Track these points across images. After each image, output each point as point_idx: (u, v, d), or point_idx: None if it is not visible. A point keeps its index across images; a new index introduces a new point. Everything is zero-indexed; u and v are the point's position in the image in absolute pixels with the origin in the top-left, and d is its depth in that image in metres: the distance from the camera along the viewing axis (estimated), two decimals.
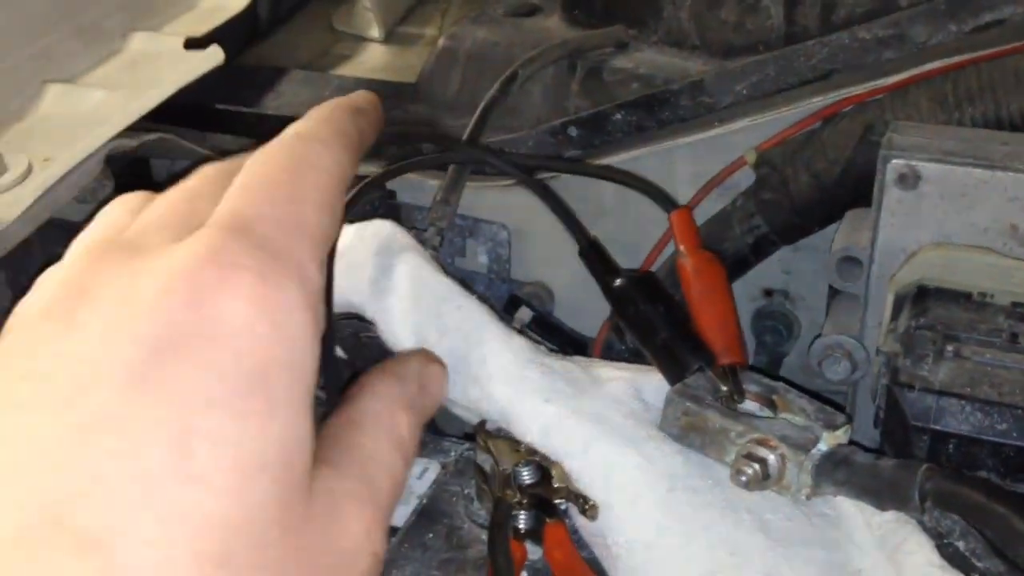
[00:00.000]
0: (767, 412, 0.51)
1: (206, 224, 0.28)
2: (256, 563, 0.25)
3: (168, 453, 0.24)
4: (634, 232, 0.77)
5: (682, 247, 0.58)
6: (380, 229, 0.58)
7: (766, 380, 0.52)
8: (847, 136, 0.67)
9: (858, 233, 0.63)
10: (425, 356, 0.35)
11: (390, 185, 0.82)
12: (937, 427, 0.50)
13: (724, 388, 0.51)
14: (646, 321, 0.54)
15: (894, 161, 0.58)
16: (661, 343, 0.53)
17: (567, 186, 0.80)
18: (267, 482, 0.25)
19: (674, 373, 0.52)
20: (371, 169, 0.81)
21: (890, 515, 0.47)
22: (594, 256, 0.58)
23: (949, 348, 0.52)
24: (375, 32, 1.08)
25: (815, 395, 0.51)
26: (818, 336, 0.64)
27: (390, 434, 0.31)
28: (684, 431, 0.50)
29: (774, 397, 0.51)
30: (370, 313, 0.56)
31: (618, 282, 0.56)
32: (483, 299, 0.56)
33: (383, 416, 0.31)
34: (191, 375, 0.25)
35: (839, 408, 0.50)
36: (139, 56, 0.76)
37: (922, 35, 0.67)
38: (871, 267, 0.60)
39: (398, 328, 0.55)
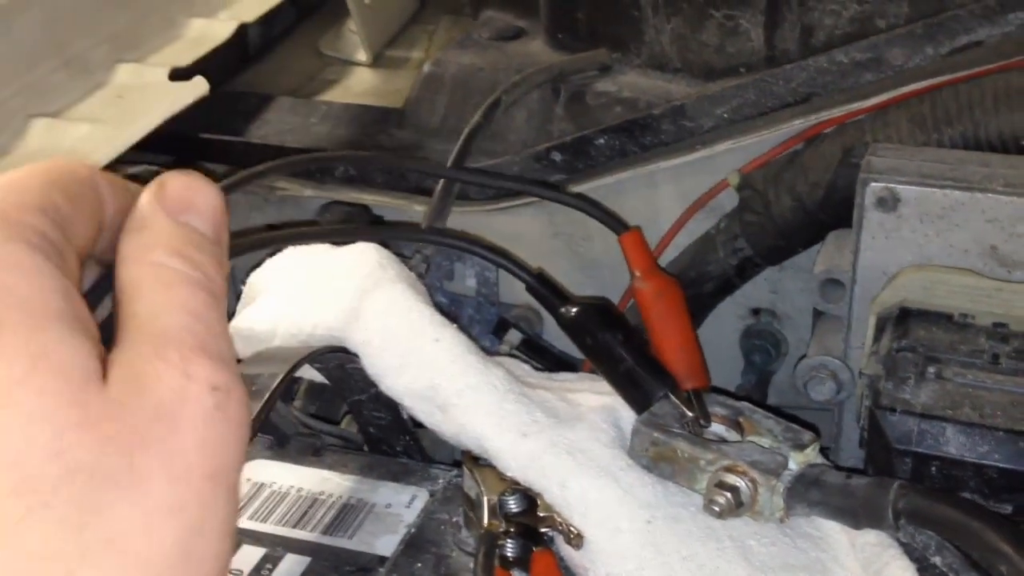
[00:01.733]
0: (734, 435, 0.52)
1: None
2: (60, 477, 0.24)
3: None
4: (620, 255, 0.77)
5: (636, 271, 0.58)
6: (364, 254, 0.58)
7: (731, 402, 0.53)
8: (828, 158, 0.67)
9: (840, 255, 0.63)
10: (155, 185, 0.30)
11: (377, 211, 0.83)
12: (919, 450, 0.50)
13: (690, 413, 0.51)
14: (604, 350, 0.54)
15: (873, 184, 0.58)
16: (623, 372, 0.53)
17: (551, 210, 0.80)
18: (29, 401, 0.24)
19: (639, 402, 0.53)
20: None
21: (872, 537, 0.48)
22: (542, 289, 0.56)
23: (931, 370, 0.53)
24: (362, 56, 1.09)
25: (782, 414, 0.51)
26: (803, 357, 0.64)
27: (158, 279, 0.28)
28: (654, 461, 0.50)
29: (740, 419, 0.52)
30: (351, 345, 0.56)
31: (571, 312, 0.55)
32: (463, 329, 0.56)
33: (141, 271, 0.28)
34: None
35: (806, 426, 0.50)
36: (124, 88, 0.77)
37: (900, 58, 0.67)
38: (853, 289, 0.61)
39: (378, 361, 0.55)
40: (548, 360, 0.82)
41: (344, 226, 0.72)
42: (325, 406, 0.74)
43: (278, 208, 0.85)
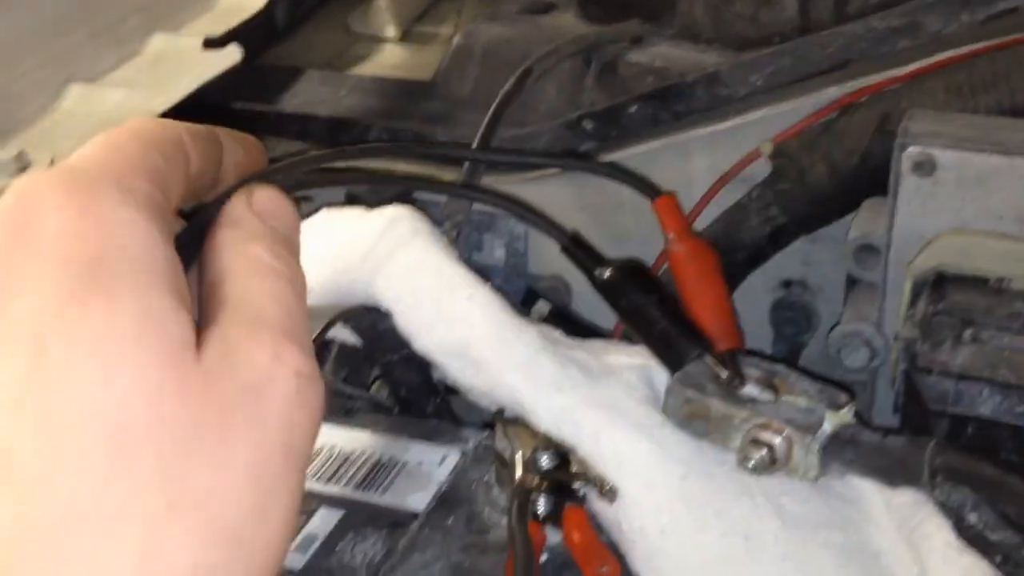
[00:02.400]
0: (769, 396, 0.51)
1: None
2: (155, 433, 0.25)
3: (26, 365, 0.25)
4: (652, 224, 0.77)
5: (671, 234, 0.57)
6: (396, 216, 0.58)
7: (765, 363, 0.52)
8: (864, 126, 0.67)
9: (875, 221, 0.63)
10: (245, 192, 0.32)
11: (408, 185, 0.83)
12: (956, 411, 0.50)
13: (724, 374, 0.51)
14: (639, 311, 0.53)
15: (910, 149, 0.58)
16: (656, 333, 0.53)
17: (581, 181, 0.80)
18: (134, 358, 0.25)
19: (673, 362, 0.52)
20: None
21: (907, 495, 0.47)
22: (577, 250, 0.56)
23: (967, 333, 0.52)
24: (391, 31, 1.09)
25: (816, 376, 0.51)
26: (836, 324, 0.64)
27: (253, 270, 0.30)
28: (687, 420, 0.50)
29: (775, 380, 0.51)
30: (383, 303, 0.56)
31: (606, 274, 0.55)
32: (496, 288, 0.57)
33: (236, 260, 0.30)
34: (27, 287, 0.25)
35: (842, 388, 0.50)
36: (159, 56, 0.77)
37: (936, 24, 0.67)
38: (888, 254, 0.60)
39: (410, 319, 0.55)
40: (577, 331, 0.82)
41: (385, 176, 0.72)
42: (354, 372, 0.74)
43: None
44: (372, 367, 0.73)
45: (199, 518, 0.25)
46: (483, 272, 0.84)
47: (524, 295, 0.84)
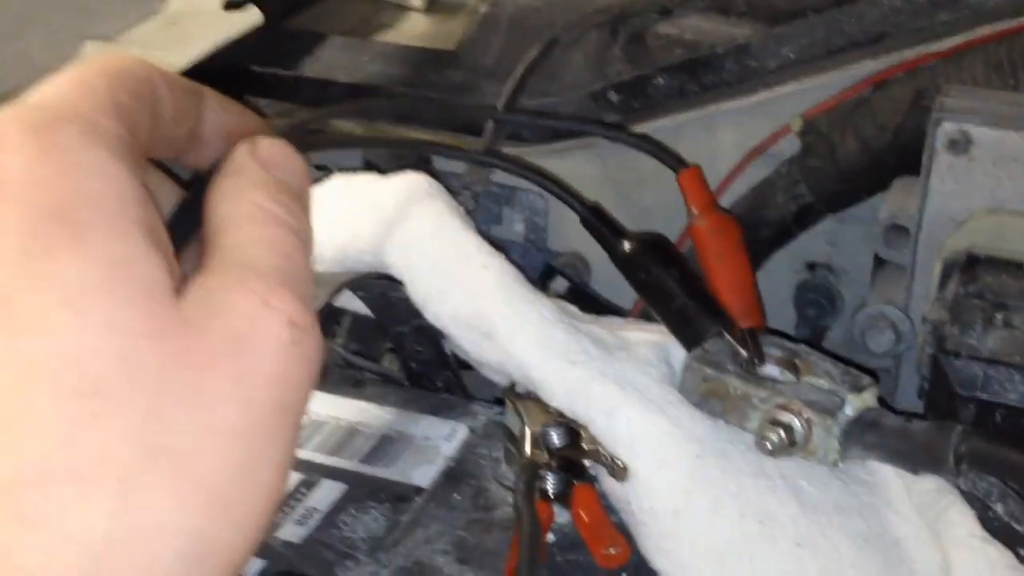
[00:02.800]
0: (789, 376, 0.50)
1: None
2: (129, 384, 0.23)
3: None
4: (675, 199, 0.75)
5: (694, 208, 0.56)
6: (412, 183, 0.57)
7: (787, 343, 0.51)
8: (898, 101, 0.64)
9: (906, 201, 0.61)
10: (248, 143, 0.31)
11: (426, 151, 0.82)
12: (985, 396, 0.48)
13: (744, 353, 0.49)
14: (659, 286, 0.52)
15: (945, 125, 0.56)
16: (676, 309, 0.51)
17: (605, 155, 0.78)
18: (105, 305, 0.24)
19: (691, 339, 0.51)
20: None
21: (930, 482, 0.46)
22: (597, 223, 0.54)
23: (999, 316, 0.50)
24: (416, 1, 1.07)
25: (839, 358, 0.49)
26: (862, 307, 0.62)
27: (252, 217, 0.28)
28: (704, 398, 0.48)
29: (796, 360, 0.50)
30: (396, 272, 0.55)
31: (626, 246, 0.53)
32: (511, 260, 0.55)
33: (236, 208, 0.28)
34: None
35: (865, 371, 0.48)
36: (177, 15, 0.76)
37: None
38: (919, 235, 0.58)
39: (423, 288, 0.54)
40: (594, 309, 0.80)
41: (403, 139, 0.70)
42: (366, 344, 0.73)
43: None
44: (384, 339, 0.72)
45: (178, 477, 0.24)
46: (501, 246, 0.83)
47: (542, 271, 0.82)
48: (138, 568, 0.23)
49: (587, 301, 0.81)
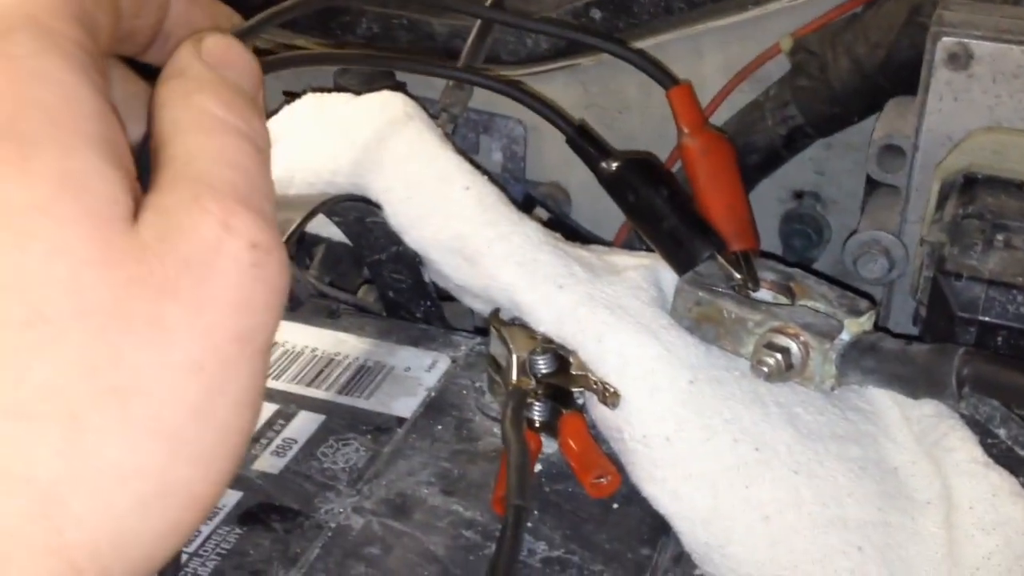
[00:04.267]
0: (784, 300, 0.48)
1: None
2: (78, 312, 0.22)
3: None
4: (660, 126, 0.73)
5: (684, 127, 0.53)
6: (388, 102, 0.54)
7: (781, 267, 0.49)
8: (892, 17, 0.62)
9: (901, 121, 0.59)
10: (193, 40, 0.28)
11: (400, 78, 0.79)
12: (986, 318, 0.46)
13: (738, 276, 0.47)
14: (648, 207, 0.49)
15: (944, 39, 0.54)
16: (666, 230, 0.49)
17: (587, 79, 0.76)
18: (52, 226, 0.22)
19: (682, 262, 0.49)
20: None
21: (929, 408, 0.44)
22: (583, 142, 0.52)
23: (999, 237, 0.49)
24: None
25: (835, 282, 0.48)
26: (853, 233, 0.60)
27: (200, 125, 0.26)
28: (697, 322, 0.47)
29: (791, 284, 0.48)
30: (374, 195, 0.52)
31: (613, 166, 0.51)
32: (495, 181, 0.53)
33: (181, 114, 0.26)
34: None
35: (862, 295, 0.46)
36: None
37: None
38: (915, 155, 0.56)
39: (402, 210, 0.51)
40: (576, 240, 0.78)
41: (374, 53, 0.66)
42: (341, 276, 0.71)
43: (295, 72, 0.81)
44: (360, 269, 0.70)
45: (132, 412, 0.22)
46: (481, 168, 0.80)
47: (521, 201, 0.80)
48: (92, 511, 0.22)
49: (568, 232, 0.79)
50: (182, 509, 0.23)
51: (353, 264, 0.70)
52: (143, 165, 0.25)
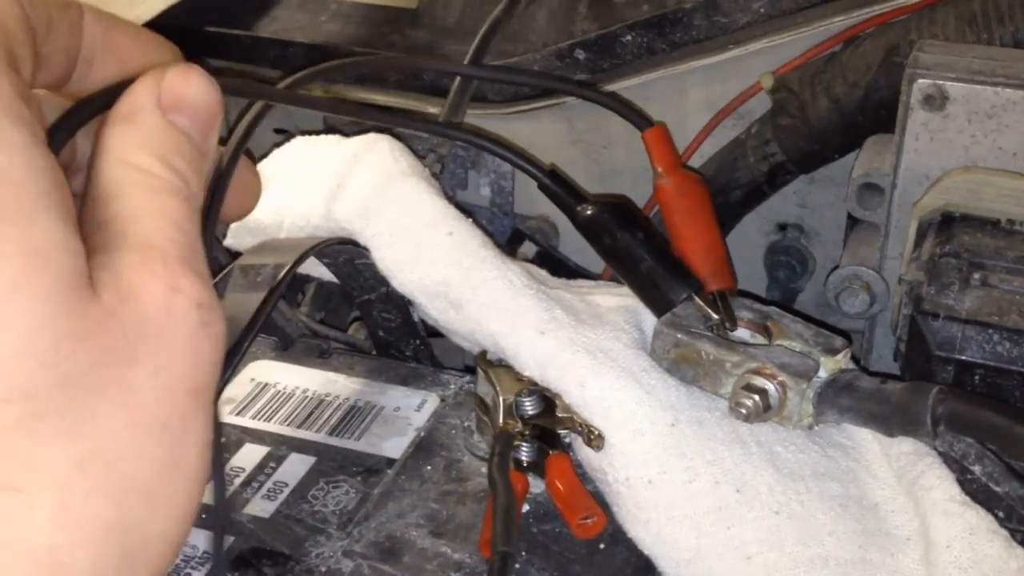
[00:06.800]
0: (761, 339, 0.49)
1: None
2: (56, 383, 0.23)
3: None
4: (645, 161, 0.74)
5: (659, 168, 0.54)
6: (376, 145, 0.55)
7: (758, 306, 0.50)
8: (869, 58, 0.63)
9: (879, 159, 0.60)
10: (155, 74, 0.28)
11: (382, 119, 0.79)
12: (963, 357, 0.47)
13: (715, 316, 0.48)
14: (624, 250, 0.50)
15: (920, 81, 0.55)
16: (642, 273, 0.50)
17: (572, 116, 0.77)
18: (26, 302, 0.22)
19: (660, 305, 0.50)
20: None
21: (907, 445, 0.45)
22: (555, 187, 0.52)
23: (975, 276, 0.50)
24: None
25: (811, 320, 0.48)
26: (835, 268, 0.61)
27: (144, 186, 0.26)
28: (675, 364, 0.47)
29: (768, 323, 0.49)
30: (362, 239, 0.53)
31: (588, 211, 0.51)
32: (479, 224, 0.53)
33: (125, 173, 0.26)
34: None
35: (838, 333, 0.47)
36: None
37: None
38: (893, 194, 0.57)
39: (389, 255, 0.52)
40: (564, 273, 0.79)
41: (354, 104, 0.67)
42: (332, 313, 0.71)
43: (285, 111, 0.82)
44: (350, 308, 0.70)
45: (110, 476, 0.23)
46: (468, 211, 0.81)
47: (510, 236, 0.81)
48: (85, 570, 0.23)
49: (556, 265, 0.80)
50: (160, 558, 0.25)
51: (344, 300, 0.71)
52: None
